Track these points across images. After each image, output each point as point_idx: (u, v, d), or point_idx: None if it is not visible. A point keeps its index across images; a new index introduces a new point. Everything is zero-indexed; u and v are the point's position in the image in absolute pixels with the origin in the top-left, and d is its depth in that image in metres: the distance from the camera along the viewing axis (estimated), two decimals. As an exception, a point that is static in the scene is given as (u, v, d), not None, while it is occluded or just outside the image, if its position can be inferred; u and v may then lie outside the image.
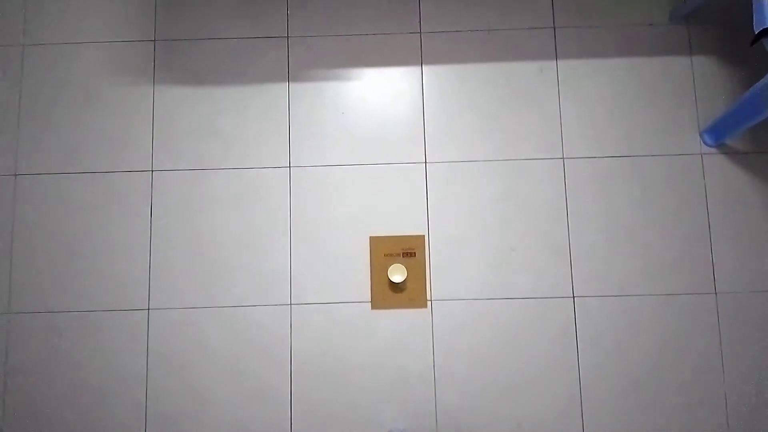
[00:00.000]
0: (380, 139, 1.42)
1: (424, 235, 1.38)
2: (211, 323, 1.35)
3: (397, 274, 1.33)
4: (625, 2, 1.47)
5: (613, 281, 1.36)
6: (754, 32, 1.10)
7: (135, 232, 1.38)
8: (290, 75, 1.44)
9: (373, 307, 1.36)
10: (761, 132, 1.41)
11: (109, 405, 1.33)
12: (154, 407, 1.33)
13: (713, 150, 1.41)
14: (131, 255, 1.37)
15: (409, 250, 1.37)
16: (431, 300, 1.36)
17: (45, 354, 1.35)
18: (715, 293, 1.35)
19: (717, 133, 1.39)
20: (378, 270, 1.37)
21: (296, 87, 1.44)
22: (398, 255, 1.37)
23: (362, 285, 1.36)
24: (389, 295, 1.36)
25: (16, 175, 1.41)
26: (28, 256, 1.38)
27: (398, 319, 1.35)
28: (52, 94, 1.44)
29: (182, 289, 1.36)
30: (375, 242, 1.38)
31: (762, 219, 1.37)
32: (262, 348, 1.34)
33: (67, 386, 1.34)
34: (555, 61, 1.44)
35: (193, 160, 1.41)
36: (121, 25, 1.47)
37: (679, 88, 1.43)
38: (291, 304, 1.36)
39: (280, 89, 1.44)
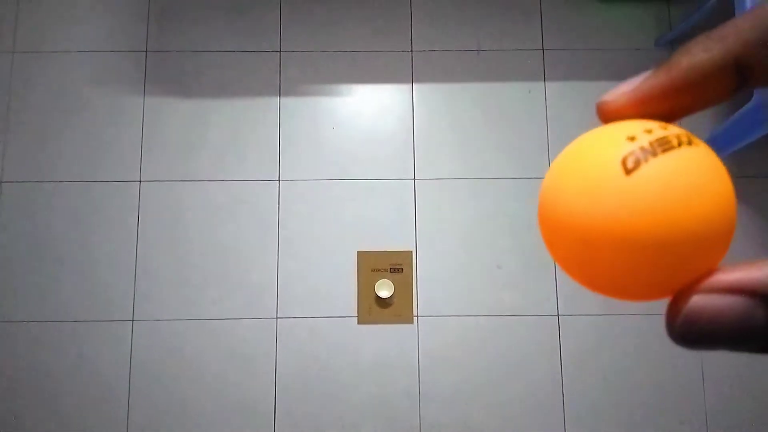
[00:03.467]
0: (369, 154, 1.43)
1: (411, 251, 1.39)
2: (195, 335, 1.34)
3: (384, 289, 1.34)
4: (613, 27, 1.50)
5: (597, 300, 1.37)
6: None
7: (121, 243, 1.37)
8: (281, 89, 1.45)
9: (359, 322, 1.36)
10: (743, 157, 1.44)
11: (90, 417, 1.31)
12: (136, 420, 1.31)
13: (696, 173, 1.43)
14: (116, 265, 1.36)
15: (397, 266, 1.38)
16: (418, 316, 1.36)
17: (26, 364, 1.33)
18: (697, 314, 1.37)
19: (700, 157, 1.41)
20: (365, 285, 1.37)
21: (287, 101, 1.44)
22: (386, 270, 1.37)
23: (349, 300, 1.36)
24: (376, 310, 1.36)
25: (1, 181, 1.39)
26: (11, 264, 1.36)
27: (384, 334, 1.35)
28: (40, 101, 1.43)
29: (167, 300, 1.35)
30: (362, 257, 1.38)
31: (742, 243, 1.40)
32: (247, 361, 1.34)
33: (48, 397, 1.32)
34: (543, 83, 1.46)
35: (182, 171, 1.41)
36: (113, 35, 1.47)
37: (663, 112, 1.46)
38: (277, 317, 1.35)
39: (271, 103, 1.44)
